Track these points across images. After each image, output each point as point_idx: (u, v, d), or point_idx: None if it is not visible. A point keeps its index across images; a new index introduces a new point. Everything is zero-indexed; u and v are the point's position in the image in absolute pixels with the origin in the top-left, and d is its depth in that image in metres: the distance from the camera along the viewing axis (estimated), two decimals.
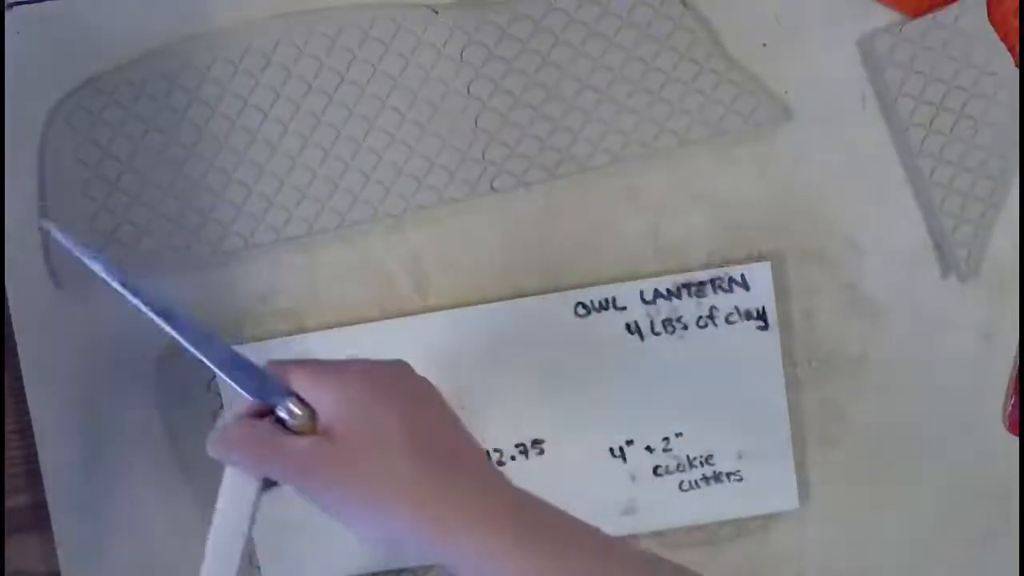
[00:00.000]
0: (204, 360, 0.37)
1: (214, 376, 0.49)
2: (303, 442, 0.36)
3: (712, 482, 0.50)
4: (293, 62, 0.49)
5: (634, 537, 0.51)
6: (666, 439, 0.50)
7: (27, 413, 0.50)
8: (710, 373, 0.50)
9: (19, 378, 0.50)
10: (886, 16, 0.50)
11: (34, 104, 0.49)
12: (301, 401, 0.36)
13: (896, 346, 0.51)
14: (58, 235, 0.39)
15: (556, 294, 0.50)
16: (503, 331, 0.50)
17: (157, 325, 0.38)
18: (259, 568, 0.50)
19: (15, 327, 0.50)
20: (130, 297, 0.38)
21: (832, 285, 0.51)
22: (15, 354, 0.50)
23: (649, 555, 0.37)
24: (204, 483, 0.51)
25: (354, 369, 0.37)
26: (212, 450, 0.37)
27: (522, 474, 0.50)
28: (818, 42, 0.50)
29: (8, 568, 0.51)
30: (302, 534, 0.49)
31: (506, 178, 0.50)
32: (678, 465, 0.50)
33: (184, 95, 0.49)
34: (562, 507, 0.37)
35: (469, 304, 0.50)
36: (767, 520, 0.51)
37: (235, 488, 0.39)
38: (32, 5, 0.49)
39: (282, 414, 0.36)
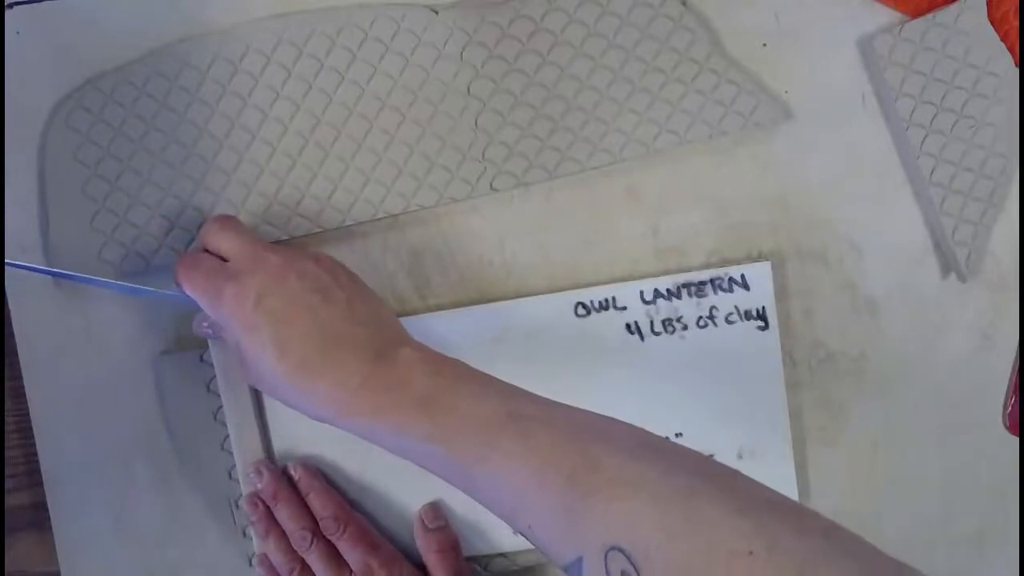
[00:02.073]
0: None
1: (214, 376, 0.49)
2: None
3: None
4: (293, 62, 0.49)
5: None
6: (666, 439, 0.50)
7: (27, 413, 0.50)
8: (710, 373, 0.50)
9: (19, 378, 0.50)
10: (886, 16, 0.50)
11: (34, 104, 0.49)
12: None
13: (896, 346, 0.51)
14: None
15: (556, 294, 0.50)
16: (503, 331, 0.50)
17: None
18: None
19: (15, 327, 0.50)
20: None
21: (832, 285, 0.51)
22: (15, 354, 0.50)
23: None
24: (204, 482, 0.51)
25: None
26: (178, 276, 0.45)
27: None
28: (818, 42, 0.50)
29: (8, 568, 0.51)
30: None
31: (506, 178, 0.50)
32: None
33: (184, 95, 0.49)
34: None
35: (469, 304, 0.50)
36: None
37: (222, 354, 0.48)
38: (32, 5, 0.49)
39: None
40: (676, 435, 0.50)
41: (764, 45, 0.50)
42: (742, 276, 0.50)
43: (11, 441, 0.51)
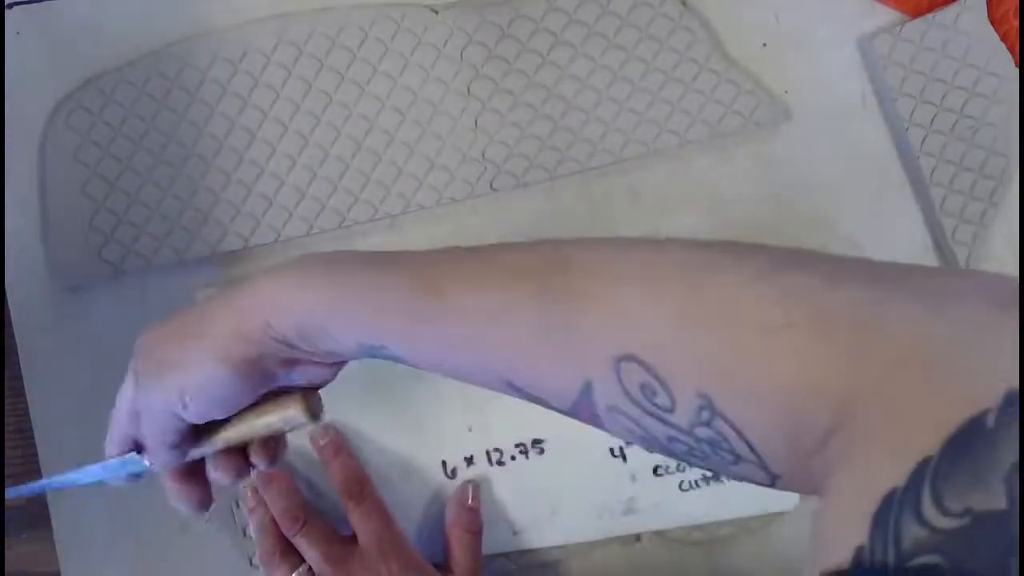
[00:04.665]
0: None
1: None
2: None
3: (712, 481, 0.50)
4: (293, 62, 0.49)
5: (635, 537, 0.51)
6: None
7: (27, 413, 0.50)
8: None
9: (19, 378, 0.50)
10: (886, 16, 0.50)
11: (34, 104, 0.49)
12: None
13: None
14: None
15: None
16: None
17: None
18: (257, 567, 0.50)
19: (15, 327, 0.50)
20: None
21: None
22: (15, 353, 0.50)
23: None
24: None
25: None
26: None
27: (522, 474, 0.50)
28: (818, 42, 0.50)
29: (8, 568, 0.51)
30: None
31: (506, 178, 0.50)
32: (678, 465, 0.50)
33: (184, 95, 0.49)
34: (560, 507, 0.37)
35: None
36: (767, 520, 0.51)
37: None
38: (32, 5, 0.49)
39: None
40: None
41: (764, 45, 0.50)
42: None
43: (11, 441, 0.51)
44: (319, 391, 0.36)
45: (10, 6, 0.49)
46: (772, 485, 0.27)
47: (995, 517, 0.21)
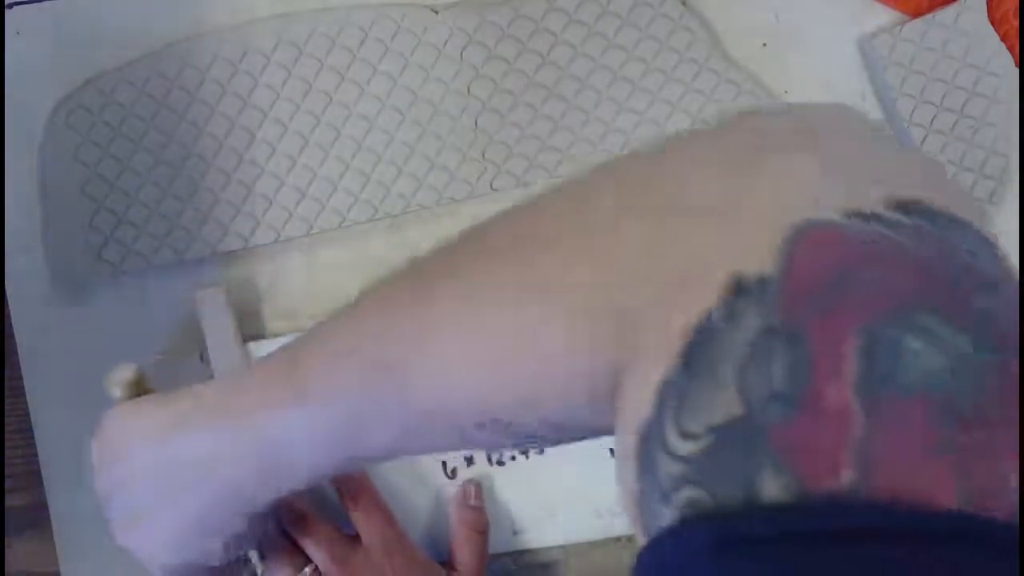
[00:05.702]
0: None
1: (211, 376, 0.49)
2: None
3: None
4: (293, 62, 0.49)
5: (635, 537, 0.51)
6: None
7: (27, 413, 0.50)
8: None
9: (19, 378, 0.50)
10: (886, 16, 0.50)
11: (34, 104, 0.49)
12: None
13: None
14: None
15: None
16: None
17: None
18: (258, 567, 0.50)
19: (15, 327, 0.50)
20: None
21: None
22: (15, 354, 0.50)
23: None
24: None
25: None
26: None
27: (522, 474, 0.50)
28: (818, 42, 0.50)
29: (8, 569, 0.51)
30: None
31: (506, 178, 0.50)
32: None
33: (184, 95, 0.49)
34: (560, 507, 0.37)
35: None
36: None
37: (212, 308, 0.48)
38: (32, 5, 0.49)
39: None
40: None
41: (764, 45, 0.50)
42: None
43: (11, 441, 0.51)
44: None
45: (10, 6, 0.49)
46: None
47: (735, 426, 0.18)
